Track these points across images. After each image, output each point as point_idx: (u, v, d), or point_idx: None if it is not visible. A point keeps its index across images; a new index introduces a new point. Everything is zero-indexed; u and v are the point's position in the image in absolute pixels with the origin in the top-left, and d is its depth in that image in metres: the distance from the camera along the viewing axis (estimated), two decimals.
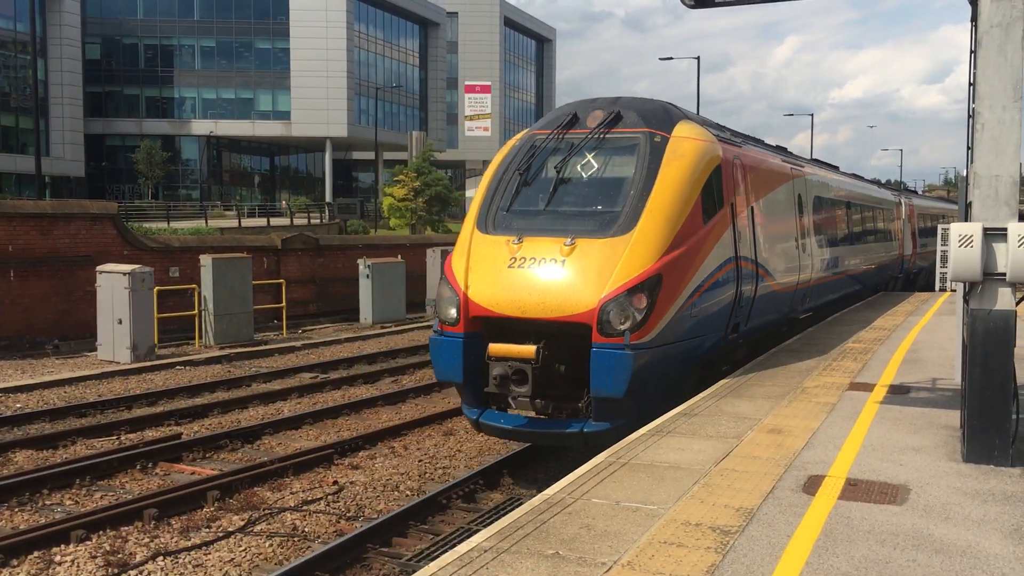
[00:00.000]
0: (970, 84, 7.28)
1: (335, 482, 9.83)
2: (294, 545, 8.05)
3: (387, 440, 11.72)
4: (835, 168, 21.75)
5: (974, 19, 7.24)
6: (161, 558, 7.66)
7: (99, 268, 18.33)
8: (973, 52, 7.22)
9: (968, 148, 7.35)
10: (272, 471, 9.96)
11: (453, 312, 9.56)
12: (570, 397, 9.38)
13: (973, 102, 7.20)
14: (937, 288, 24.29)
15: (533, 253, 9.45)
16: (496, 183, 10.57)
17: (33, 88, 33.86)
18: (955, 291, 10.85)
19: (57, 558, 7.63)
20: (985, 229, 7.02)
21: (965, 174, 8.02)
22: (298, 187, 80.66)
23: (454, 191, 64.97)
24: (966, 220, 7.44)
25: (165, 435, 11.82)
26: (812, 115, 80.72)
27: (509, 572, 5.19)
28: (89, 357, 18.40)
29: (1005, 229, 7.00)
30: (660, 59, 56.21)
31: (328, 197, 69.22)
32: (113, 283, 17.71)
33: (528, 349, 9.00)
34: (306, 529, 8.45)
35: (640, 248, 9.29)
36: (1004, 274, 7.04)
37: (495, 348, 9.19)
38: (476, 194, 10.81)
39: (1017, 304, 7.22)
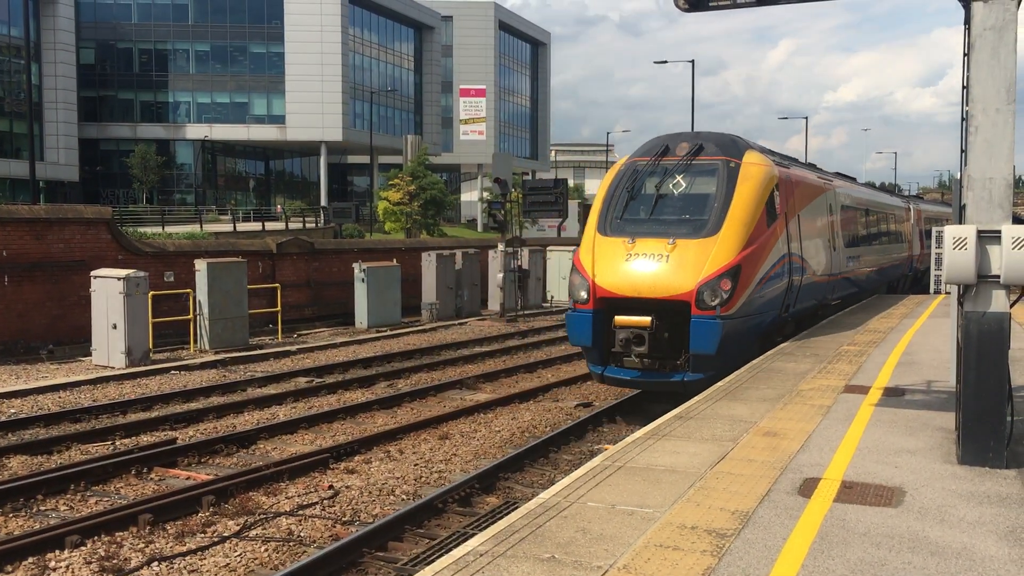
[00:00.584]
0: (963, 87, 7.31)
1: (331, 486, 9.82)
2: (289, 550, 8.03)
3: (383, 444, 11.70)
4: (854, 180, 24.82)
5: (967, 22, 7.26)
6: (156, 563, 7.64)
7: (94, 273, 18.29)
8: (966, 55, 7.24)
9: (962, 151, 7.37)
10: (267, 476, 9.93)
11: (584, 294, 12.64)
12: (670, 356, 12.44)
13: (966, 105, 7.22)
14: (932, 290, 24.58)
15: (644, 250, 12.47)
16: (609, 198, 13.55)
17: (27, 92, 33.88)
18: (949, 294, 10.90)
19: (52, 564, 7.60)
20: (979, 232, 7.04)
21: (959, 177, 8.04)
22: (293, 191, 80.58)
23: (449, 195, 64.93)
24: (960, 223, 7.46)
25: (160, 440, 11.79)
26: (807, 118, 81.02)
27: None
28: (83, 362, 18.36)
29: (999, 231, 7.01)
30: (655, 63, 56.51)
31: (323, 201, 69.13)
32: (108, 288, 17.67)
33: (645, 320, 12.14)
34: (302, 534, 8.43)
35: (724, 246, 12.31)
36: (998, 276, 7.05)
37: (621, 319, 12.32)
38: (593, 206, 13.91)
39: (1011, 306, 7.24)
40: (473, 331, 24.28)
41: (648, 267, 12.27)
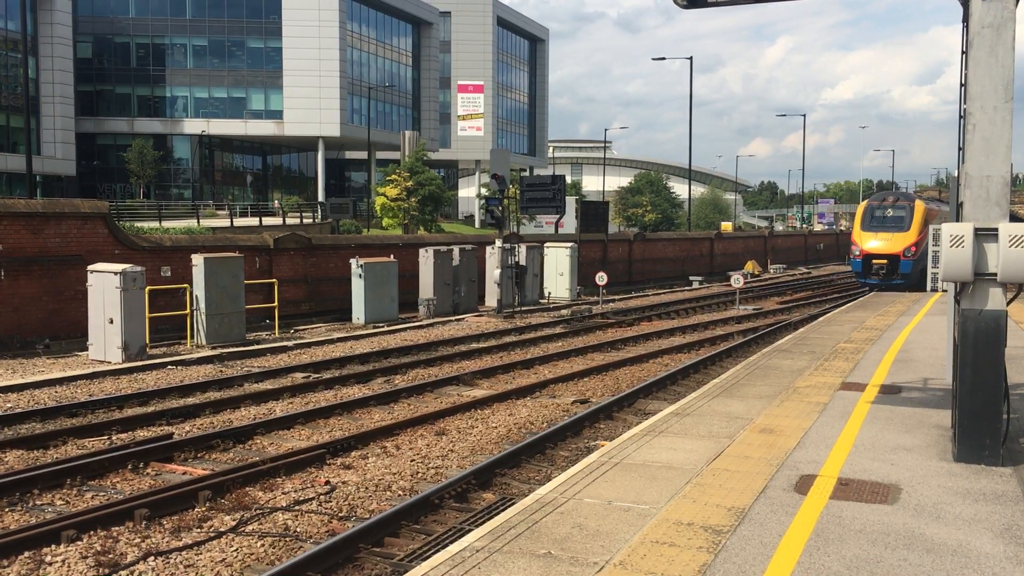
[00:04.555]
0: (961, 85, 7.30)
1: (327, 482, 9.81)
2: (286, 545, 8.03)
3: (379, 440, 11.69)
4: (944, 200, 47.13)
5: (965, 20, 7.26)
6: (152, 558, 7.63)
7: (90, 267, 18.26)
8: (964, 53, 7.24)
9: (960, 149, 7.37)
10: (264, 471, 9.93)
11: (857, 252, 32.30)
12: (891, 275, 31.71)
13: (964, 103, 7.22)
14: (928, 288, 25.18)
15: (881, 236, 31.67)
16: (863, 216, 32.64)
17: (24, 86, 33.76)
18: (946, 291, 10.91)
19: (48, 558, 7.60)
20: (976, 229, 7.04)
21: (957, 175, 8.04)
22: (290, 186, 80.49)
23: (447, 191, 64.90)
24: (957, 220, 7.46)
25: (156, 435, 11.78)
26: (804, 116, 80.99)
27: (501, 572, 5.19)
28: (80, 357, 18.34)
29: (996, 229, 7.01)
30: (652, 59, 56.63)
31: (320, 196, 69.08)
32: (104, 282, 17.65)
33: (884, 261, 31.68)
34: (298, 529, 8.43)
35: (911, 236, 31.35)
36: (995, 274, 7.06)
37: (875, 261, 31.80)
38: (856, 217, 33.80)
39: (1008, 304, 7.24)
40: (470, 327, 24.28)
41: (883, 242, 31.10)
